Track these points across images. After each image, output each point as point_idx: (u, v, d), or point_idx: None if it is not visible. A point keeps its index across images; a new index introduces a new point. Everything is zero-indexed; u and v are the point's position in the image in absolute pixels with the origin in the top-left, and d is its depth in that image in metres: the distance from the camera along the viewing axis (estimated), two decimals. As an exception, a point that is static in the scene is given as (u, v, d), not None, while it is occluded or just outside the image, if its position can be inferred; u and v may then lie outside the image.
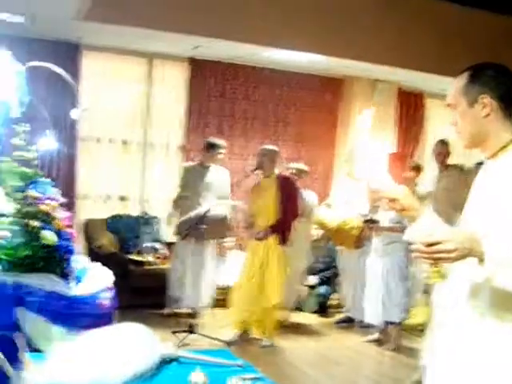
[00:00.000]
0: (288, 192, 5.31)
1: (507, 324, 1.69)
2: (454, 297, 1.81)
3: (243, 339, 5.31)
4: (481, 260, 1.60)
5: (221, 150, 5.97)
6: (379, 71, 6.99)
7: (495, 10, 7.10)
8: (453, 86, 1.87)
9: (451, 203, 4.36)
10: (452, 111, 1.88)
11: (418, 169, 6.24)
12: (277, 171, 5.46)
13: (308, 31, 5.96)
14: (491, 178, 1.81)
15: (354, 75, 7.45)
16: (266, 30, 5.80)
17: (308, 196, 6.07)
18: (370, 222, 5.61)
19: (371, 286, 5.57)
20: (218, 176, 6.02)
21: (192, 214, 5.68)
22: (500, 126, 1.81)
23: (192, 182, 5.94)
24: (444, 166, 5.87)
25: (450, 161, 5.94)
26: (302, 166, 6.27)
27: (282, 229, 5.26)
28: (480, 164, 2.00)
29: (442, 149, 5.84)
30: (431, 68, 6.76)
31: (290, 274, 5.59)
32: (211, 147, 5.99)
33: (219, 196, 5.92)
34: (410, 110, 8.15)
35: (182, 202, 6.00)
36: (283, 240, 5.26)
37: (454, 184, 5.40)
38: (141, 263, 6.26)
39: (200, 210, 5.67)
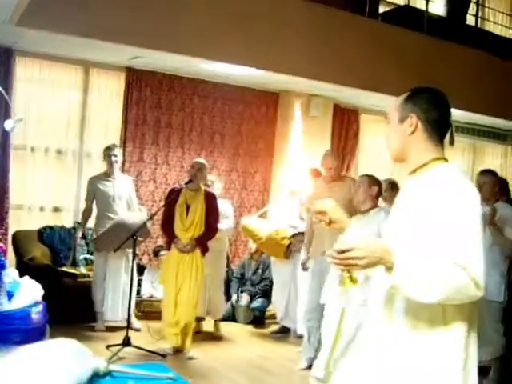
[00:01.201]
0: (211, 206, 5.41)
1: (420, 330, 1.78)
2: (372, 304, 1.92)
3: (177, 352, 5.29)
4: (389, 269, 1.70)
5: (111, 153, 5.88)
6: (314, 86, 7.15)
7: (427, 32, 7.45)
8: (395, 101, 1.99)
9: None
10: (386, 125, 2.01)
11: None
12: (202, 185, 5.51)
13: (244, 45, 6.07)
14: (409, 194, 1.93)
15: (290, 89, 7.59)
16: (203, 43, 5.86)
17: (223, 206, 6.02)
18: (299, 235, 5.69)
19: (302, 296, 5.68)
20: (122, 184, 5.96)
21: (109, 225, 5.63)
22: (422, 146, 1.92)
23: (99, 193, 5.86)
24: (334, 179, 5.21)
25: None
26: (211, 177, 6.21)
27: (204, 242, 5.36)
28: None
29: (329, 163, 5.22)
30: (365, 85, 6.99)
31: (213, 284, 5.73)
32: (104, 151, 5.96)
33: (128, 204, 5.94)
34: (346, 124, 8.33)
35: (90, 214, 5.93)
36: (203, 252, 5.36)
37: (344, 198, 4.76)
38: (74, 275, 6.14)
39: (122, 220, 5.62)
